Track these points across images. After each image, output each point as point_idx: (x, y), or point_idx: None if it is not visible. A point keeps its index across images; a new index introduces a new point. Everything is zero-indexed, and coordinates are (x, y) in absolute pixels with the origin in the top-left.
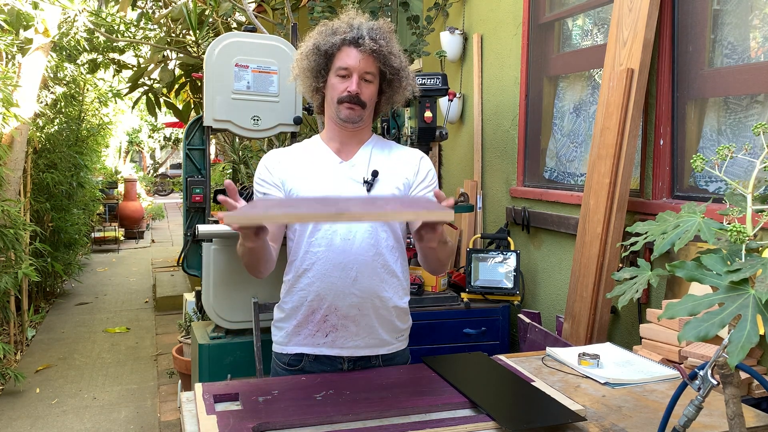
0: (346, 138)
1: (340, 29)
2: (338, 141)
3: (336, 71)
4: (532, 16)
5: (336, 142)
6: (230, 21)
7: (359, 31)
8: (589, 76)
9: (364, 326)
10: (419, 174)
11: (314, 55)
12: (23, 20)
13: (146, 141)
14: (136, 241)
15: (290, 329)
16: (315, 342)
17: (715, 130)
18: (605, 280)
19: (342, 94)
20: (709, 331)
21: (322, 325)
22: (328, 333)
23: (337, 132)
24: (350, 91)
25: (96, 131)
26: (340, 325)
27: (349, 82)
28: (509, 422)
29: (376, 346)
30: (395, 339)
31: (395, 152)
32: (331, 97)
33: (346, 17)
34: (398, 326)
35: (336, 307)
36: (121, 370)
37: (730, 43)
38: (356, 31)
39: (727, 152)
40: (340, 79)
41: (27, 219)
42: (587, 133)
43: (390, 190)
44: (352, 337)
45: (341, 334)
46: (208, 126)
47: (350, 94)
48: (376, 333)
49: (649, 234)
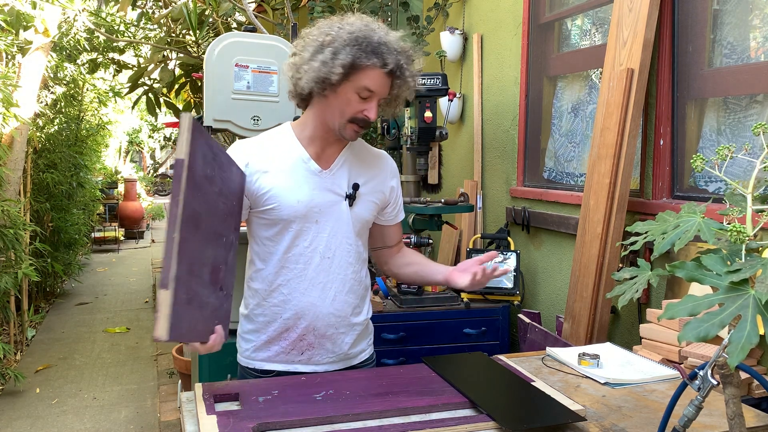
0: (329, 144)
1: (382, 50)
2: (320, 146)
3: (358, 89)
4: (532, 16)
5: (317, 146)
6: (230, 21)
7: (398, 58)
8: (586, 75)
9: (340, 343)
10: (392, 194)
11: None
12: (23, 20)
13: (146, 141)
14: (136, 241)
15: (260, 344)
16: (289, 359)
17: (715, 130)
18: (605, 280)
19: (358, 114)
20: (709, 332)
21: (299, 343)
22: (304, 351)
23: (324, 138)
24: (368, 116)
25: (95, 131)
26: (318, 344)
27: (368, 105)
28: (509, 422)
29: (350, 359)
30: (367, 345)
31: (367, 156)
32: (341, 111)
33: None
34: (368, 331)
35: (314, 327)
36: (121, 370)
37: (729, 43)
38: (395, 58)
39: (727, 152)
40: (360, 99)
41: (27, 219)
42: (585, 133)
43: (369, 207)
44: (328, 354)
45: (317, 351)
46: (208, 126)
47: (366, 119)
48: (350, 349)
49: (649, 234)
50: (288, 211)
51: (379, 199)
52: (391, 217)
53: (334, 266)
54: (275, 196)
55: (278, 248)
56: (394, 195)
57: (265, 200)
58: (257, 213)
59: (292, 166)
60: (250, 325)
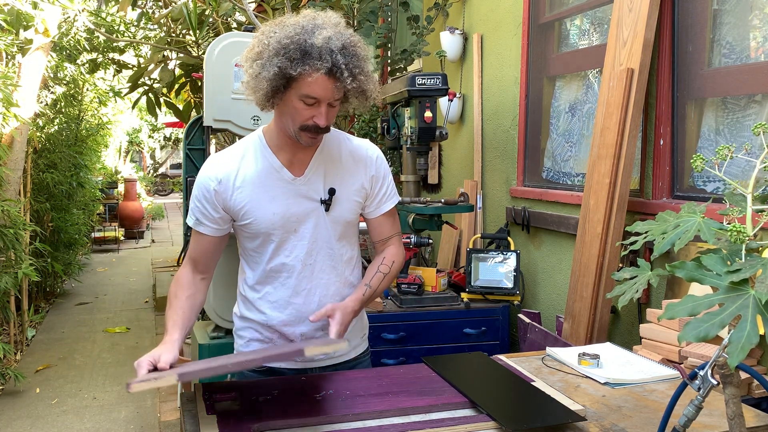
0: (299, 149)
1: (312, 53)
2: (290, 152)
3: (301, 97)
4: (532, 16)
5: (288, 153)
6: (230, 21)
7: (334, 58)
8: (583, 75)
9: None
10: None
11: (277, 79)
12: (23, 20)
13: (146, 141)
14: (136, 241)
15: (253, 344)
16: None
17: (714, 130)
18: (605, 280)
19: (307, 122)
20: (709, 332)
21: (289, 344)
22: None
23: (292, 144)
24: (317, 123)
25: (95, 131)
26: None
27: (315, 111)
28: (509, 422)
29: (345, 355)
30: (362, 339)
31: (345, 152)
32: (292, 119)
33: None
34: (362, 325)
35: (302, 332)
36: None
37: (729, 43)
38: (331, 59)
39: (727, 152)
40: (305, 106)
41: (27, 219)
42: (581, 132)
43: (349, 207)
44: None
45: None
46: (208, 126)
47: (316, 125)
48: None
49: (649, 234)
50: (265, 224)
51: (361, 197)
52: (371, 209)
53: (316, 272)
54: (251, 210)
55: (262, 258)
56: (377, 186)
57: (242, 215)
58: (239, 226)
59: (265, 178)
60: (242, 324)
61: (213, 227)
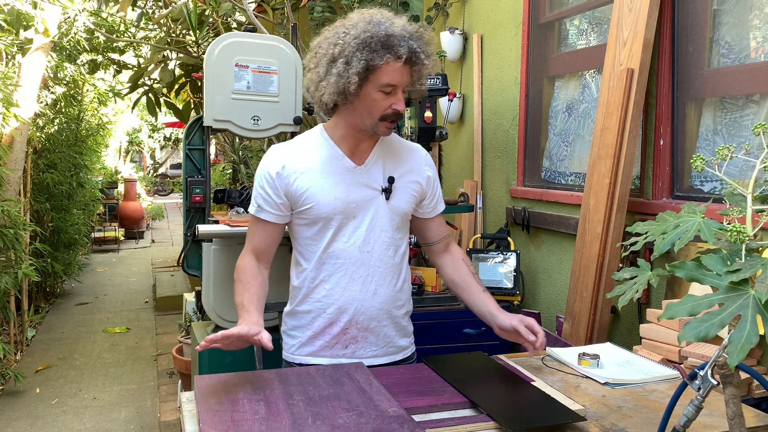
0: (361, 141)
1: (392, 42)
2: (353, 143)
3: (380, 87)
4: (532, 16)
5: (350, 144)
6: (230, 21)
7: (410, 44)
8: (580, 75)
9: (383, 336)
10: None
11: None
12: (23, 20)
13: (146, 141)
14: (136, 241)
15: (305, 339)
16: (334, 353)
17: (711, 130)
18: (605, 280)
19: (387, 111)
20: (709, 332)
21: (342, 337)
22: (348, 345)
23: (356, 136)
24: (397, 110)
25: (95, 131)
26: (361, 337)
27: (393, 99)
28: (509, 422)
29: (393, 354)
30: (409, 343)
31: (400, 149)
32: (370, 112)
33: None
34: (409, 330)
35: (357, 321)
36: (121, 370)
37: (728, 43)
38: (406, 46)
39: (726, 152)
40: (384, 95)
41: (27, 219)
42: (576, 132)
43: (406, 199)
44: (372, 347)
45: (361, 345)
46: (208, 126)
47: (396, 112)
48: (394, 341)
49: (649, 234)
50: (326, 208)
51: (416, 190)
52: (429, 209)
53: (374, 260)
54: (313, 195)
55: (319, 246)
56: (431, 185)
57: (304, 200)
58: (298, 214)
59: (327, 165)
60: (294, 322)
61: (275, 213)
